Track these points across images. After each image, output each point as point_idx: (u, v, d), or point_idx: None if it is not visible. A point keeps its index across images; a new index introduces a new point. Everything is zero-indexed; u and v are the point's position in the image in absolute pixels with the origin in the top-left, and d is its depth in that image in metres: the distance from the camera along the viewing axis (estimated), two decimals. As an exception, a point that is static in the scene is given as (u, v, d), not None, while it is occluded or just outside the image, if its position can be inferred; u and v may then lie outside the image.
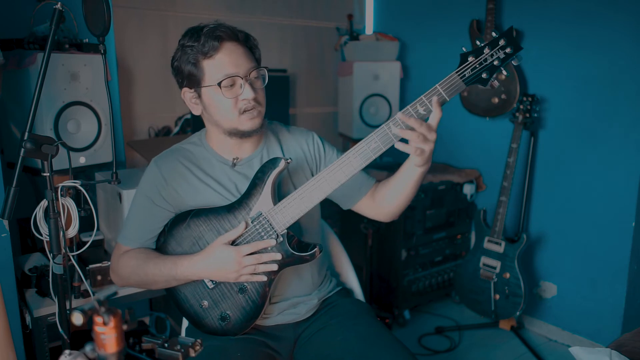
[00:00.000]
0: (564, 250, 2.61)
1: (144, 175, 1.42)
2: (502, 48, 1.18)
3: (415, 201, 2.72)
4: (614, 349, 1.30)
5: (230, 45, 1.29)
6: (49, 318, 1.67)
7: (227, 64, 1.28)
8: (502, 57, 1.18)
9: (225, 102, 1.30)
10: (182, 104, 2.74)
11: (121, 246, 1.43)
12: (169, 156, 1.42)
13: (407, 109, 1.21)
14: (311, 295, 1.47)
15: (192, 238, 1.35)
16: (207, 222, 1.34)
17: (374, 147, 1.25)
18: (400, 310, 2.78)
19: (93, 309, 0.67)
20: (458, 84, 1.20)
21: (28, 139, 1.32)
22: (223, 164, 1.40)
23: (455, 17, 2.91)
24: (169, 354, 0.92)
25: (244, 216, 1.31)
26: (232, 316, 1.35)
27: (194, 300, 1.37)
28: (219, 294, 1.35)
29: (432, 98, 1.19)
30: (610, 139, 2.38)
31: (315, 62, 3.31)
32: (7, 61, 1.74)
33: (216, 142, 1.41)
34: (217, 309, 1.36)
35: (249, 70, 1.30)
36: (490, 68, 1.18)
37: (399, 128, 1.20)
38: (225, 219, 1.33)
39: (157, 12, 2.65)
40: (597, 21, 2.36)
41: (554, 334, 2.68)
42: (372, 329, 1.39)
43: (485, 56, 1.18)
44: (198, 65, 1.30)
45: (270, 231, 1.29)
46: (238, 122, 1.32)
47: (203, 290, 1.36)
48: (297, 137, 1.49)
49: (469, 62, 1.19)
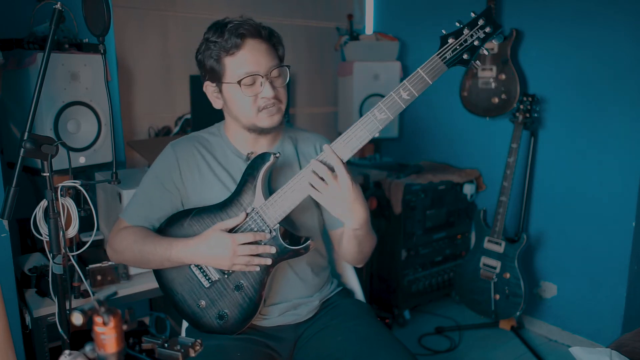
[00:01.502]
0: (564, 250, 2.61)
1: (158, 157, 1.44)
2: (481, 27, 1.18)
3: (415, 201, 2.72)
4: (614, 349, 1.30)
5: (253, 42, 1.30)
6: (49, 318, 1.67)
7: (248, 61, 1.29)
8: (482, 36, 1.19)
9: (244, 99, 1.31)
10: (182, 104, 2.75)
11: (122, 221, 1.43)
12: (186, 142, 1.43)
13: (338, 142, 1.24)
14: (312, 297, 1.47)
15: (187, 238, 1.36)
16: (200, 222, 1.35)
17: (360, 135, 1.24)
18: (400, 310, 2.78)
19: (93, 309, 0.67)
20: (439, 67, 1.20)
21: (28, 139, 1.32)
22: (237, 157, 1.41)
23: (455, 17, 2.90)
24: (169, 354, 0.92)
25: (235, 212, 1.32)
26: (229, 314, 1.35)
27: (192, 301, 1.37)
28: (216, 293, 1.35)
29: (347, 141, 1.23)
30: (610, 139, 2.37)
31: (315, 62, 3.31)
32: (7, 61, 1.74)
33: (234, 134, 1.42)
34: (215, 307, 1.36)
35: (270, 69, 1.31)
36: (470, 48, 1.19)
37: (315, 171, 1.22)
38: (218, 217, 1.33)
39: (157, 12, 2.65)
40: (597, 21, 2.36)
41: (554, 334, 2.68)
42: (372, 330, 1.39)
43: (465, 37, 1.19)
44: (220, 61, 1.31)
45: (262, 226, 1.29)
46: (257, 119, 1.33)
47: (200, 290, 1.36)
48: (311, 139, 1.50)
49: (449, 43, 1.20)
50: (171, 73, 2.71)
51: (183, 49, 2.70)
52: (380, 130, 1.24)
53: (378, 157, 3.20)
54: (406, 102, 1.23)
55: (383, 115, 1.23)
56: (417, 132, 3.26)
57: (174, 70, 2.71)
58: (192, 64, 1.42)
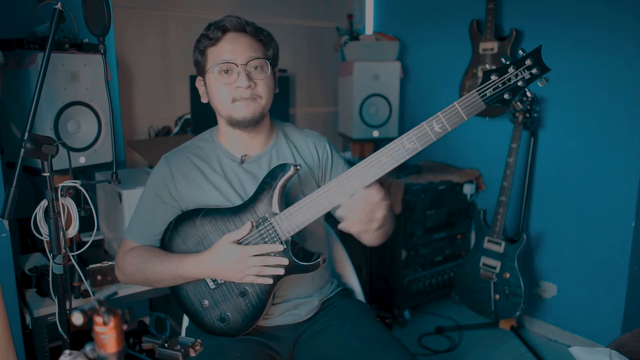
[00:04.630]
0: (564, 250, 2.61)
1: (153, 171, 1.44)
2: (528, 68, 1.12)
3: (415, 201, 2.72)
4: (614, 349, 1.30)
5: (235, 34, 1.33)
6: (49, 318, 1.67)
7: (226, 50, 1.31)
8: (528, 77, 1.13)
9: (221, 88, 1.32)
10: (182, 104, 2.75)
11: (127, 242, 1.43)
12: (179, 153, 1.44)
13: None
14: (312, 297, 1.47)
15: (197, 237, 1.35)
16: (212, 222, 1.34)
17: (384, 162, 1.20)
18: (400, 310, 2.78)
19: (93, 309, 0.67)
20: (477, 103, 1.13)
21: (28, 139, 1.32)
22: (231, 161, 1.41)
23: (455, 17, 2.92)
24: (169, 354, 0.92)
25: (249, 219, 1.31)
26: (231, 318, 1.35)
27: (195, 299, 1.37)
28: (220, 295, 1.35)
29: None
30: (610, 139, 2.38)
31: (315, 62, 3.31)
32: (7, 61, 1.73)
33: (225, 137, 1.43)
34: (217, 309, 1.36)
35: (248, 59, 1.31)
36: (513, 88, 1.13)
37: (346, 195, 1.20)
38: (231, 221, 1.33)
39: (157, 12, 2.65)
40: (597, 21, 2.36)
41: (554, 334, 2.68)
42: (372, 330, 1.39)
43: (510, 75, 1.12)
44: (204, 53, 1.35)
45: (274, 237, 1.28)
46: (232, 110, 1.34)
47: (205, 289, 1.36)
48: (309, 140, 1.49)
49: (492, 80, 1.13)
50: (171, 73, 2.71)
51: (183, 49, 2.70)
52: (406, 159, 1.19)
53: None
54: (437, 135, 1.16)
55: (412, 145, 1.18)
56: (417, 132, 3.25)
57: (174, 70, 2.71)
58: (192, 64, 1.43)
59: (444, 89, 3.01)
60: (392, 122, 3.09)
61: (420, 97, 3.22)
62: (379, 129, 3.07)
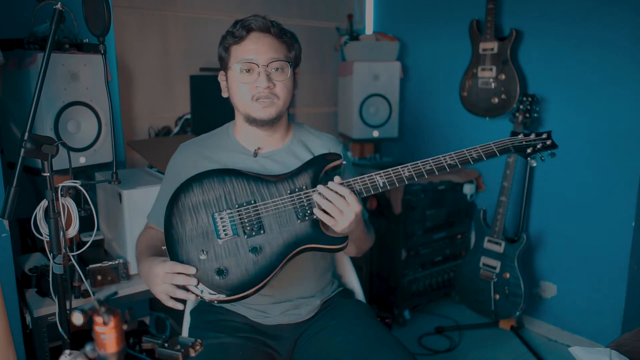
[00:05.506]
0: (564, 250, 2.61)
1: (172, 158, 1.51)
2: (543, 140, 1.48)
3: (415, 201, 2.72)
4: (614, 349, 1.30)
5: (259, 34, 1.34)
6: (49, 318, 1.67)
7: (249, 50, 1.34)
8: (539, 146, 1.46)
9: (242, 86, 1.35)
10: (182, 104, 2.75)
11: (147, 223, 1.53)
12: (193, 145, 1.49)
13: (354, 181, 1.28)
14: (314, 297, 1.48)
15: (218, 194, 1.31)
16: (241, 184, 1.31)
17: (407, 175, 1.30)
18: (400, 310, 2.78)
19: (93, 309, 0.67)
20: (508, 147, 1.48)
21: (28, 139, 1.32)
22: (244, 155, 1.43)
23: (455, 17, 2.92)
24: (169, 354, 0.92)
25: (284, 188, 1.29)
26: (231, 273, 1.24)
27: (193, 248, 1.27)
28: (227, 249, 1.26)
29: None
30: (610, 139, 2.38)
31: (315, 62, 3.31)
32: (7, 61, 1.73)
33: (240, 132, 1.45)
34: (216, 262, 1.25)
35: (269, 61, 1.33)
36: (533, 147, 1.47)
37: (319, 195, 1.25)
38: (264, 186, 1.30)
39: (157, 12, 2.65)
40: (597, 21, 2.36)
41: (554, 334, 2.68)
42: (372, 330, 1.39)
43: (531, 140, 1.48)
44: (228, 50, 1.37)
45: (306, 209, 1.26)
46: (250, 109, 1.36)
47: (208, 240, 1.27)
48: (324, 144, 1.50)
49: (519, 137, 1.51)
50: (171, 73, 2.71)
51: (183, 49, 2.70)
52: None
53: (378, 157, 3.20)
54: (476, 161, 1.43)
55: (452, 162, 1.37)
56: (417, 132, 3.26)
57: (174, 70, 2.71)
58: (192, 64, 1.43)
59: (444, 89, 3.01)
60: (392, 122, 3.09)
61: (420, 97, 3.22)
62: (379, 129, 3.07)
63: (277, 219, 1.27)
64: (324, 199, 1.23)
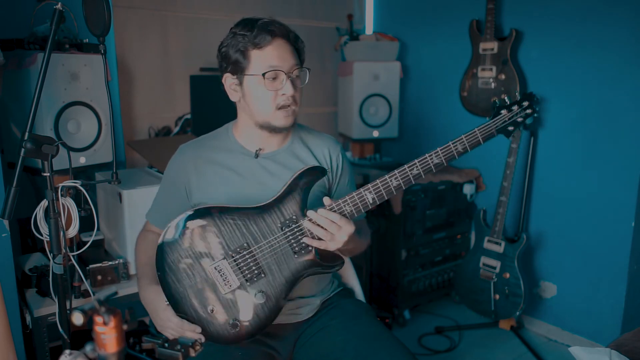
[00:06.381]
0: (564, 250, 2.61)
1: (171, 159, 1.49)
2: (525, 108, 1.50)
3: (415, 201, 2.72)
4: (614, 349, 1.30)
5: (281, 41, 1.33)
6: (49, 318, 1.67)
7: (275, 57, 1.32)
8: (524, 115, 1.47)
9: (265, 94, 1.33)
10: (182, 104, 2.75)
11: (146, 221, 1.54)
12: (192, 146, 1.47)
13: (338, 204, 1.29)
14: (315, 297, 1.48)
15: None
16: (232, 221, 1.28)
17: (395, 185, 1.29)
18: (400, 310, 2.78)
19: (93, 309, 0.67)
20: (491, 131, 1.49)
21: (28, 139, 1.32)
22: (245, 155, 1.42)
23: (455, 17, 2.92)
24: (169, 354, 0.92)
25: (274, 221, 1.29)
26: (243, 322, 1.28)
27: (200, 305, 1.29)
28: (231, 302, 1.28)
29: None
30: (610, 139, 2.38)
31: (315, 62, 3.31)
32: (7, 61, 1.73)
33: (242, 133, 1.44)
34: (227, 315, 1.28)
35: (292, 67, 1.33)
36: (514, 123, 1.49)
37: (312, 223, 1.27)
38: (253, 221, 1.28)
39: (157, 12, 2.65)
40: (597, 21, 2.36)
41: (554, 334, 2.68)
42: (372, 329, 1.40)
43: (514, 114, 1.47)
44: (246, 54, 1.32)
45: (300, 240, 1.29)
46: (272, 117, 1.35)
47: (213, 295, 1.29)
48: (324, 144, 1.50)
49: (502, 115, 1.50)
50: (171, 73, 2.71)
51: (183, 49, 2.70)
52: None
53: (378, 157, 3.21)
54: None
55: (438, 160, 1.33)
56: (417, 132, 3.26)
57: (174, 70, 2.71)
58: (192, 64, 1.43)
59: (444, 89, 3.01)
60: (392, 122, 3.09)
61: (420, 97, 3.22)
62: (378, 129, 3.07)
63: (275, 258, 1.29)
64: (316, 226, 1.26)
